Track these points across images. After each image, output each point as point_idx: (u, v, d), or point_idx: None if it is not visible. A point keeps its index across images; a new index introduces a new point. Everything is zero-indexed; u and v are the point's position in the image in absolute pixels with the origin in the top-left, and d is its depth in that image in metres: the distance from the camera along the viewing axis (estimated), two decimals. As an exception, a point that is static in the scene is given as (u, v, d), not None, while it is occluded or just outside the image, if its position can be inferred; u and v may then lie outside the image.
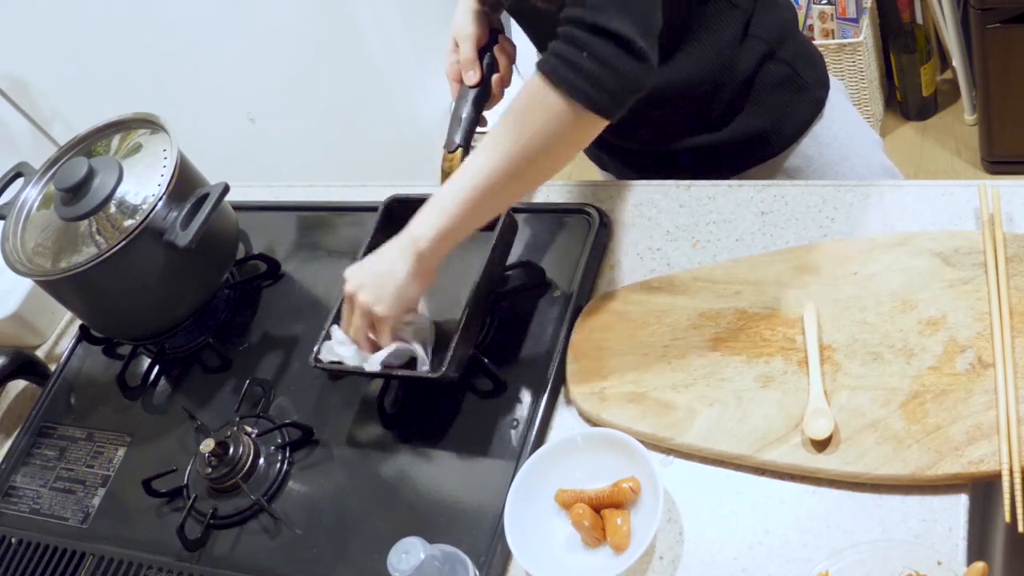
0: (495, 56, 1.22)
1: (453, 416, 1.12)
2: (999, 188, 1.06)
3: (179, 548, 1.11)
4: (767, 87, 1.20)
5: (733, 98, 1.19)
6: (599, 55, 0.91)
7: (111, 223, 1.18)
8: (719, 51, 1.16)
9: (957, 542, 0.86)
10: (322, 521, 1.09)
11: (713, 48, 1.15)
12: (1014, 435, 0.87)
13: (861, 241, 1.07)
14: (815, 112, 1.24)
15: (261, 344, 1.29)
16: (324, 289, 1.33)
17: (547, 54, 0.94)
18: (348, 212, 1.40)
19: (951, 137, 2.55)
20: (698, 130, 1.23)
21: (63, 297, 1.27)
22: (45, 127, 1.77)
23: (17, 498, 1.26)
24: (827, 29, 2.47)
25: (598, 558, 0.96)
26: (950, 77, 2.60)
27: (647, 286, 1.13)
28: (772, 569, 0.90)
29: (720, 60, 1.16)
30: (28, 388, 1.41)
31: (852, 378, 0.97)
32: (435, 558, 0.88)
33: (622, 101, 0.94)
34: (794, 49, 1.21)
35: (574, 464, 1.00)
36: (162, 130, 1.25)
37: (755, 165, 1.25)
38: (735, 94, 1.19)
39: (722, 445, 0.97)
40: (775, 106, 1.21)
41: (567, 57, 0.92)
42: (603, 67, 0.91)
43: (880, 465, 0.90)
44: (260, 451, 1.16)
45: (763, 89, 1.20)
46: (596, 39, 0.91)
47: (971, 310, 0.97)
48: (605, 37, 0.91)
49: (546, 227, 1.25)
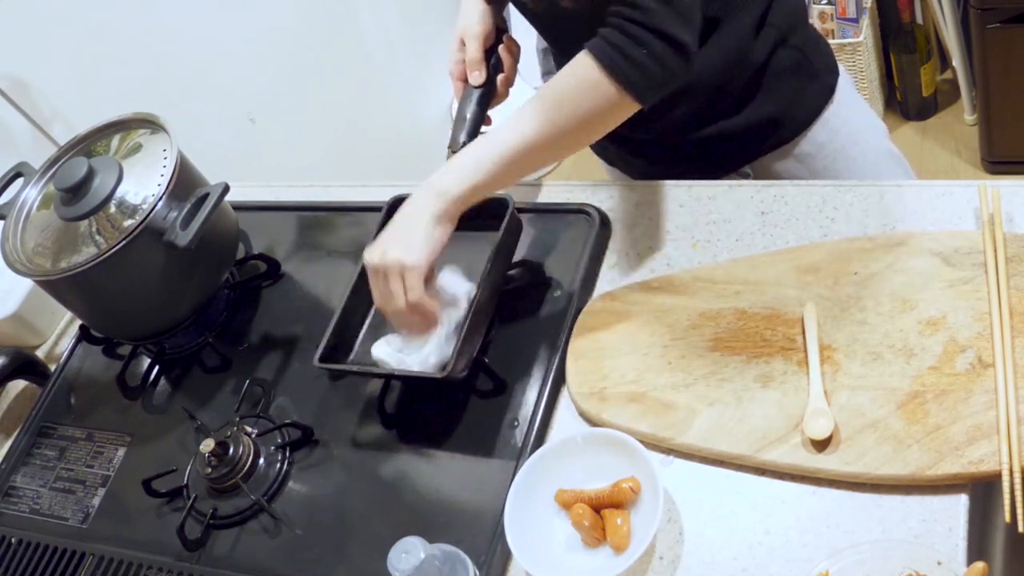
0: (500, 56, 1.22)
1: (453, 416, 1.12)
2: (999, 188, 1.06)
3: (179, 548, 1.11)
4: (779, 74, 1.21)
5: (746, 85, 1.21)
6: (655, 52, 0.99)
7: (111, 223, 1.18)
8: (738, 41, 1.17)
9: (957, 542, 0.86)
10: (322, 521, 1.09)
11: (732, 38, 1.17)
12: (1014, 435, 0.87)
13: (861, 241, 1.07)
14: (826, 98, 1.25)
15: (261, 344, 1.29)
16: (324, 289, 1.33)
17: (601, 41, 1.00)
18: (348, 212, 1.40)
19: (951, 137, 2.55)
20: (712, 119, 1.23)
21: (63, 297, 1.27)
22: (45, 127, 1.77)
23: (17, 498, 1.26)
24: (827, 29, 2.47)
25: (598, 558, 0.96)
26: (950, 77, 2.60)
27: (647, 286, 1.13)
28: (772, 569, 0.90)
29: (738, 50, 1.18)
30: (28, 388, 1.40)
31: (852, 378, 0.97)
32: (435, 558, 0.88)
33: (661, 94, 1.02)
34: (804, 36, 1.23)
35: (574, 464, 1.00)
36: (162, 130, 1.25)
37: (767, 152, 1.26)
38: (748, 81, 1.21)
39: (722, 445, 0.97)
40: (787, 92, 1.22)
41: (625, 49, 0.99)
42: (656, 63, 0.99)
43: (880, 465, 0.90)
44: (260, 451, 1.16)
45: (775, 76, 1.21)
46: (656, 40, 0.98)
47: (971, 310, 0.97)
48: (664, 39, 0.98)
49: (546, 227, 1.25)
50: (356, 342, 1.19)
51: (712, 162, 1.28)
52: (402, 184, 1.38)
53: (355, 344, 1.19)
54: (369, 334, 1.19)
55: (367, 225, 1.26)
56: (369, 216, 1.33)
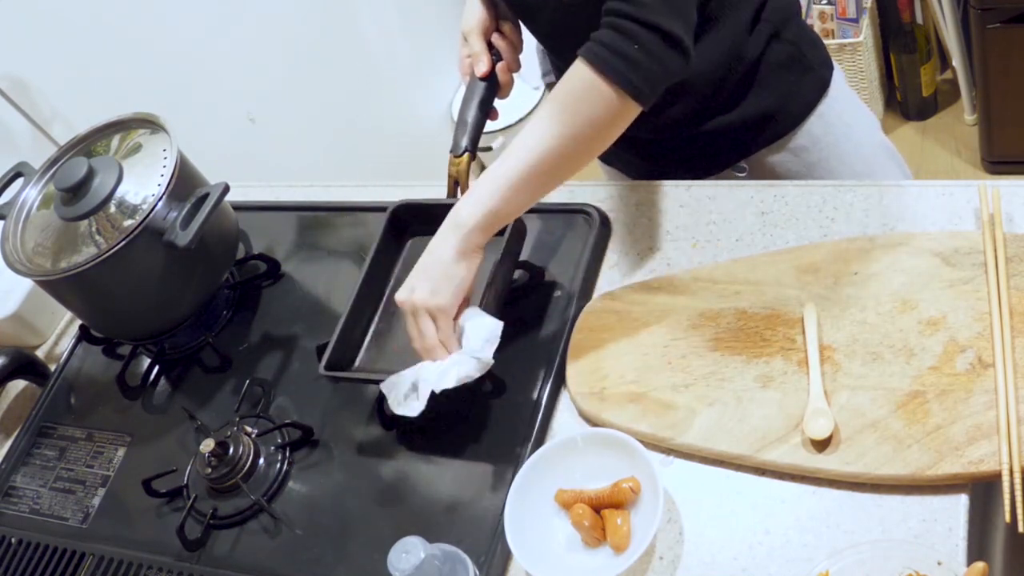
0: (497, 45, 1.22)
1: (453, 416, 1.12)
2: (999, 188, 1.06)
3: (179, 548, 1.11)
4: (774, 68, 1.21)
5: (741, 81, 1.21)
6: (650, 49, 0.97)
7: (111, 223, 1.18)
8: (733, 37, 1.17)
9: (957, 542, 0.86)
10: (322, 521, 1.09)
11: (728, 35, 1.17)
12: (1014, 435, 0.87)
13: (861, 241, 1.07)
14: (821, 92, 1.25)
15: (261, 344, 1.29)
16: (324, 289, 1.33)
17: (594, 43, 0.99)
18: (348, 212, 1.40)
19: (951, 137, 2.55)
20: (708, 115, 1.23)
21: (63, 297, 1.27)
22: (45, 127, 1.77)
23: (17, 498, 1.26)
24: (827, 29, 2.47)
25: (598, 558, 0.96)
26: (950, 77, 2.60)
27: (647, 286, 1.13)
28: (772, 569, 0.90)
29: (733, 45, 1.18)
30: (28, 388, 1.41)
31: (852, 378, 0.97)
32: (435, 558, 0.88)
33: (659, 91, 1.01)
34: (797, 30, 1.23)
35: (574, 464, 1.00)
36: (162, 130, 1.25)
37: (763, 147, 1.26)
38: (743, 77, 1.20)
39: (722, 445, 0.97)
40: (782, 86, 1.22)
41: (618, 48, 0.98)
42: (652, 60, 0.98)
43: (880, 465, 0.90)
44: (260, 451, 1.16)
45: (770, 70, 1.21)
46: (648, 34, 0.97)
47: (971, 310, 0.97)
48: (656, 33, 0.97)
49: (546, 227, 1.25)
50: (361, 348, 1.19)
51: (708, 158, 1.28)
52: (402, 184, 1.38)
53: (360, 350, 1.18)
54: (373, 341, 1.19)
55: (367, 225, 1.26)
56: (369, 216, 1.33)
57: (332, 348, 1.13)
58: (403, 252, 1.25)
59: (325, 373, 1.12)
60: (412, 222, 1.25)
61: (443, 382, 1.01)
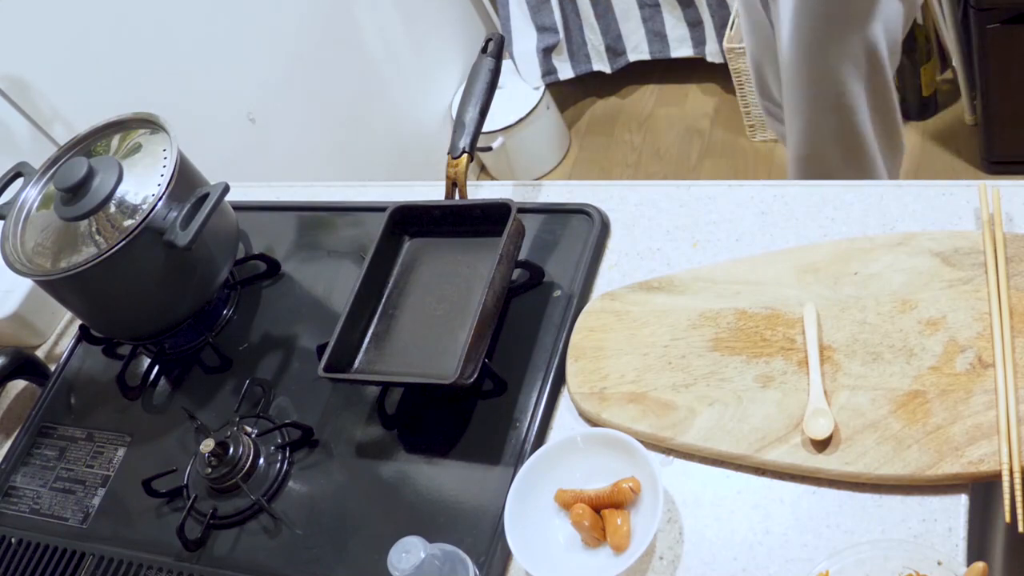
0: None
1: (453, 416, 1.12)
2: (999, 188, 1.06)
3: (179, 548, 1.11)
4: None
5: None
6: None
7: (111, 223, 1.18)
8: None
9: (957, 542, 0.86)
10: (322, 521, 1.09)
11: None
12: (1014, 435, 0.87)
13: (861, 241, 1.07)
14: None
15: (261, 344, 1.29)
16: (324, 289, 1.32)
17: None
18: (348, 212, 1.40)
19: (951, 137, 2.55)
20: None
21: (63, 297, 1.27)
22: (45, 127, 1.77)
23: (17, 498, 1.26)
24: (827, 29, 2.46)
25: (598, 558, 0.96)
26: (950, 77, 2.60)
27: (647, 286, 1.13)
28: (772, 569, 0.90)
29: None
30: (28, 388, 1.40)
31: (852, 378, 0.97)
32: (435, 557, 0.88)
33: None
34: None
35: (574, 464, 1.00)
36: (162, 130, 1.25)
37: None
38: None
39: (722, 445, 0.97)
40: None
41: None
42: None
43: (880, 465, 0.90)
44: (260, 451, 1.16)
45: None
46: None
47: (971, 310, 0.97)
48: None
49: (546, 227, 1.25)
50: (360, 349, 1.18)
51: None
52: (402, 185, 1.38)
53: (359, 351, 1.18)
54: (372, 342, 1.19)
55: (367, 225, 1.26)
56: (370, 216, 1.33)
57: (331, 350, 1.13)
58: (402, 253, 1.25)
59: (324, 375, 1.12)
60: (411, 223, 1.25)
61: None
